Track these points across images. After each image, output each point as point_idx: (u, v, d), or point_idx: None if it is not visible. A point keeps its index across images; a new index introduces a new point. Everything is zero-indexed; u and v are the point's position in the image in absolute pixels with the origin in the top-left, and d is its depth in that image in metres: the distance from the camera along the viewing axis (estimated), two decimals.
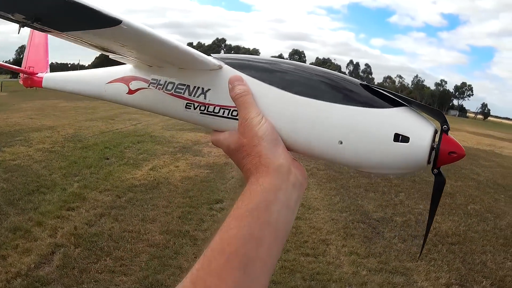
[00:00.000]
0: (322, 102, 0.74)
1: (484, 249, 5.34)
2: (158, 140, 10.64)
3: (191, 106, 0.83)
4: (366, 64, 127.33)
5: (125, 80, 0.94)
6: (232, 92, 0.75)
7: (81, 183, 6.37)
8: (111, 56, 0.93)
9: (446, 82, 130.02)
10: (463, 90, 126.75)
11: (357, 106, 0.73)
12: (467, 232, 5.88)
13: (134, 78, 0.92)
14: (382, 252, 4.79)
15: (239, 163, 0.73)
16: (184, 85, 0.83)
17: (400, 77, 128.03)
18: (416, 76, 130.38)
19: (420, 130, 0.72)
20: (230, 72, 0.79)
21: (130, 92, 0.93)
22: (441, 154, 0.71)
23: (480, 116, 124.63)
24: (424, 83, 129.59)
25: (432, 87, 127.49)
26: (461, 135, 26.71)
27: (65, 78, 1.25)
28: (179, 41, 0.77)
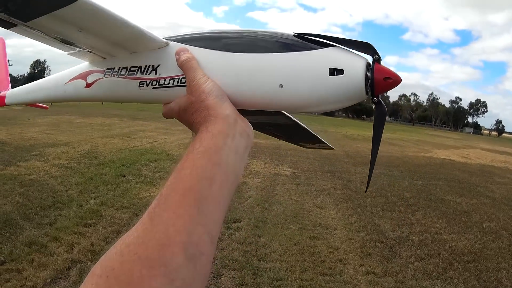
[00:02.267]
0: (259, 54, 0.80)
1: (499, 266, 5.27)
2: (175, 159, 10.58)
3: (143, 84, 0.87)
4: None
5: (82, 76, 0.98)
6: (178, 61, 0.82)
7: (98, 200, 6.36)
8: (68, 52, 0.96)
9: (460, 100, 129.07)
10: (478, 107, 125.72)
11: (292, 51, 0.79)
12: (482, 250, 5.79)
13: (91, 72, 0.96)
14: (399, 271, 4.72)
15: (189, 120, 0.78)
16: (136, 66, 0.88)
17: (415, 95, 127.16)
18: (432, 94, 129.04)
19: (352, 61, 0.77)
20: (176, 46, 0.85)
21: (88, 85, 0.96)
22: (377, 81, 0.77)
23: (494, 133, 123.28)
24: (439, 100, 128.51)
25: (447, 105, 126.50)
26: (477, 152, 26.40)
27: (25, 91, 1.29)
28: None
